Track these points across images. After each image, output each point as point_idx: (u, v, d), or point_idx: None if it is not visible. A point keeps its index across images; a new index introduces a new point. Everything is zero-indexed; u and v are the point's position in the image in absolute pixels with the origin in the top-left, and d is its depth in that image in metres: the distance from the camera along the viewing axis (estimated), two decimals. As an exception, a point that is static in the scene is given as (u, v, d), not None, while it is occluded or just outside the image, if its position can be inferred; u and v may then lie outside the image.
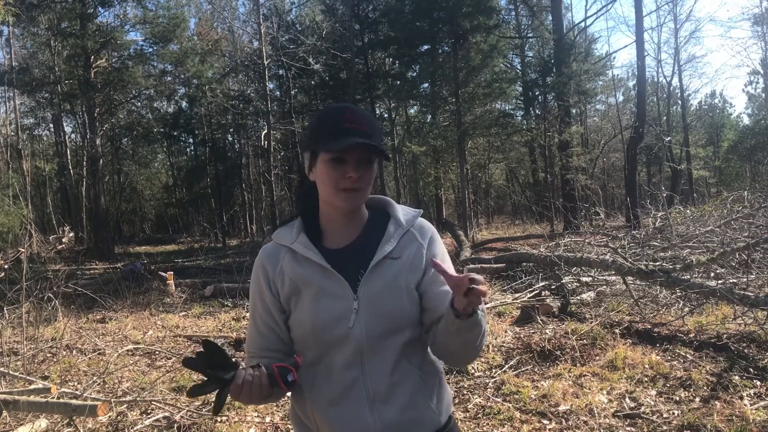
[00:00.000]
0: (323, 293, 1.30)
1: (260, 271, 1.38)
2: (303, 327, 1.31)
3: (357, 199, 1.32)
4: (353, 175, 1.27)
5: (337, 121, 1.28)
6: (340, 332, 1.28)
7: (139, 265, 11.96)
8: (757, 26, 30.98)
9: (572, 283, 7.40)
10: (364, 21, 21.08)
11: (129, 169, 30.29)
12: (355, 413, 1.29)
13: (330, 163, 1.28)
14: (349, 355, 1.29)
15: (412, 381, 1.33)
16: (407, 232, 1.38)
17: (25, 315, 5.65)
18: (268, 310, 1.36)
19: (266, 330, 1.37)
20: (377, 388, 1.30)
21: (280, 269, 1.35)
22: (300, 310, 1.32)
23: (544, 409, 3.72)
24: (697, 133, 33.50)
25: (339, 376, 1.29)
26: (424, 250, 1.38)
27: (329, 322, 1.29)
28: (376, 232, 1.38)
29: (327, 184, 1.30)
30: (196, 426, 3.72)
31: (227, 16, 25.72)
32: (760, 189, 9.83)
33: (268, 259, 1.38)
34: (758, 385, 3.90)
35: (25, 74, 19.40)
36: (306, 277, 1.32)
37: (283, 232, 1.40)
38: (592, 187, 21.59)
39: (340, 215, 1.36)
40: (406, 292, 1.33)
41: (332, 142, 1.25)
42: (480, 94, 18.94)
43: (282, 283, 1.34)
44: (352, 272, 1.32)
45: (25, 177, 21.65)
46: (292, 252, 1.35)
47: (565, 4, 27.85)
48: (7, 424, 3.65)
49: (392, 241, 1.35)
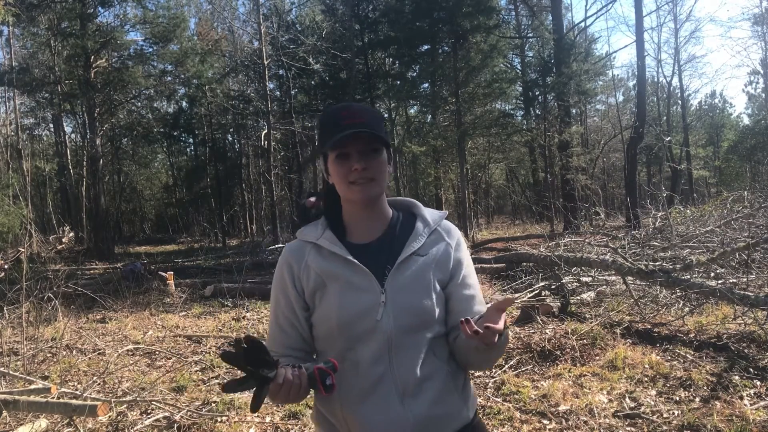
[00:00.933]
0: (350, 286, 1.31)
1: (285, 267, 1.38)
2: (329, 321, 1.30)
3: (370, 190, 1.32)
4: (358, 166, 1.29)
5: (336, 120, 1.32)
6: (368, 325, 1.28)
7: (139, 265, 11.95)
8: (757, 26, 31.00)
9: (572, 283, 7.40)
10: (364, 21, 21.07)
11: (129, 169, 30.30)
12: (386, 408, 1.28)
13: (337, 161, 1.32)
14: (376, 349, 1.29)
15: (440, 376, 1.34)
16: (434, 231, 1.41)
17: (25, 315, 5.65)
18: (292, 306, 1.36)
19: (289, 327, 1.36)
20: (406, 383, 1.29)
21: (306, 264, 1.36)
22: (325, 304, 1.32)
23: (544, 409, 3.72)
24: (697, 133, 33.51)
25: (367, 371, 1.28)
26: (451, 251, 1.40)
27: (356, 315, 1.29)
28: (401, 230, 1.40)
29: (339, 181, 1.33)
30: (196, 426, 3.72)
31: (227, 16, 25.71)
32: (760, 189, 9.83)
33: (293, 255, 1.38)
34: (758, 385, 3.90)
35: (25, 74, 19.40)
36: (332, 271, 1.33)
37: (307, 230, 1.42)
38: (592, 187, 21.60)
39: (361, 211, 1.38)
40: (432, 288, 1.34)
41: (333, 139, 1.29)
42: (480, 94, 18.94)
43: (307, 278, 1.35)
44: (379, 267, 1.33)
45: (25, 177, 21.64)
46: (317, 247, 1.36)
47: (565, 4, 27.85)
48: (7, 424, 3.65)
49: (420, 238, 1.38)
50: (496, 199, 36.37)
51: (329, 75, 21.82)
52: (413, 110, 25.37)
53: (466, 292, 1.39)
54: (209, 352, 5.69)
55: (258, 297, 8.89)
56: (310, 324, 1.36)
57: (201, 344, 6.01)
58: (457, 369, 1.39)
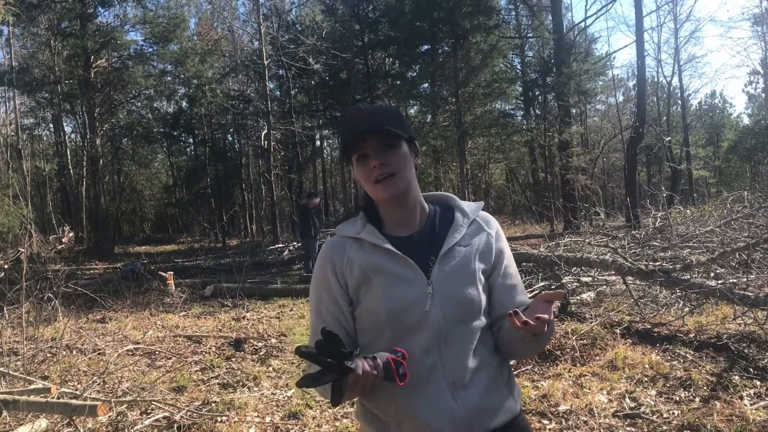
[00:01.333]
0: (396, 279, 1.31)
1: (326, 263, 1.37)
2: (377, 314, 1.30)
3: (394, 185, 1.33)
4: (376, 163, 1.31)
5: (348, 126, 1.34)
6: (417, 317, 1.28)
7: (139, 265, 11.96)
8: (757, 26, 31.02)
9: (572, 283, 7.39)
10: (364, 21, 21.08)
11: (129, 169, 30.31)
12: (438, 400, 1.27)
13: (358, 164, 1.35)
14: (426, 340, 1.29)
15: (490, 367, 1.34)
16: (473, 222, 1.42)
17: (25, 315, 5.64)
18: (336, 301, 1.35)
19: (333, 323, 1.35)
20: (457, 374, 1.29)
21: (348, 259, 1.35)
22: (372, 297, 1.31)
23: (544, 409, 3.72)
24: (697, 133, 33.54)
25: (417, 363, 1.26)
26: (492, 241, 1.42)
27: (405, 307, 1.29)
28: (441, 222, 1.41)
29: (364, 183, 1.36)
30: (196, 426, 3.72)
31: (227, 16, 25.70)
32: (760, 189, 9.82)
33: (334, 250, 1.38)
34: (758, 385, 3.90)
35: (25, 74, 19.41)
36: (377, 265, 1.33)
37: (346, 226, 1.42)
38: (592, 187, 21.59)
39: (394, 208, 1.38)
40: (477, 278, 1.35)
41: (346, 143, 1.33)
42: (480, 94, 18.96)
43: (351, 272, 1.34)
44: (422, 259, 1.33)
45: (25, 177, 21.63)
46: (359, 242, 1.37)
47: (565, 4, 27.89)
48: (7, 424, 3.64)
49: (461, 229, 1.39)
50: (496, 199, 36.36)
51: (329, 75, 21.83)
52: (413, 110, 25.37)
53: (508, 282, 1.41)
54: (209, 352, 5.70)
55: (258, 297, 8.89)
56: (354, 318, 1.36)
57: (201, 344, 6.01)
58: (503, 360, 1.39)
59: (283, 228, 21.68)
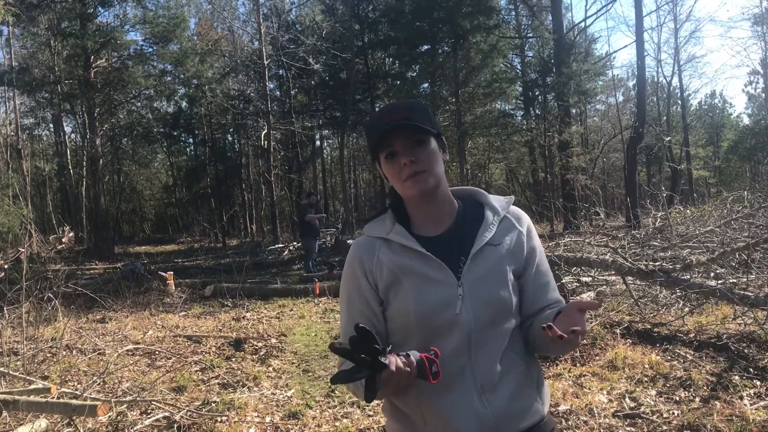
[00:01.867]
0: (426, 280, 1.30)
1: (356, 263, 1.36)
2: (407, 315, 1.29)
3: (424, 182, 1.31)
4: (406, 161, 1.29)
5: (379, 124, 1.33)
6: (448, 318, 1.27)
7: (139, 265, 11.95)
8: (757, 26, 31.01)
9: (572, 283, 7.39)
10: (364, 21, 21.08)
11: (129, 169, 30.30)
12: (466, 401, 1.27)
13: (386, 161, 1.33)
14: (457, 341, 1.28)
15: (518, 370, 1.33)
16: (504, 219, 1.40)
17: (25, 315, 5.64)
18: (367, 302, 1.34)
19: (365, 323, 1.32)
20: (486, 377, 1.29)
21: (378, 260, 1.34)
22: (402, 298, 1.30)
23: (544, 409, 3.72)
24: (697, 133, 33.54)
25: (447, 364, 1.25)
26: (524, 239, 1.39)
27: (435, 309, 1.28)
28: (470, 220, 1.38)
29: (393, 180, 1.34)
30: (196, 426, 3.72)
31: (227, 16, 25.71)
32: (760, 189, 9.82)
33: (364, 251, 1.37)
34: (758, 385, 3.90)
35: (25, 74, 19.41)
36: (406, 266, 1.31)
37: (375, 226, 1.40)
38: (592, 187, 21.58)
39: (423, 205, 1.37)
40: (508, 279, 1.33)
41: (375, 140, 1.32)
42: (480, 94, 18.96)
43: (380, 273, 1.33)
44: (452, 259, 1.31)
45: (25, 177, 21.64)
46: (388, 243, 1.35)
47: (565, 4, 27.89)
48: (7, 424, 3.64)
49: (491, 227, 1.36)
50: (496, 199, 36.34)
51: (329, 75, 21.83)
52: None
53: (541, 281, 1.38)
54: (209, 352, 5.70)
55: (258, 297, 8.89)
56: (386, 319, 1.35)
57: (201, 344, 6.01)
58: (532, 362, 1.38)
59: (283, 228, 21.69)
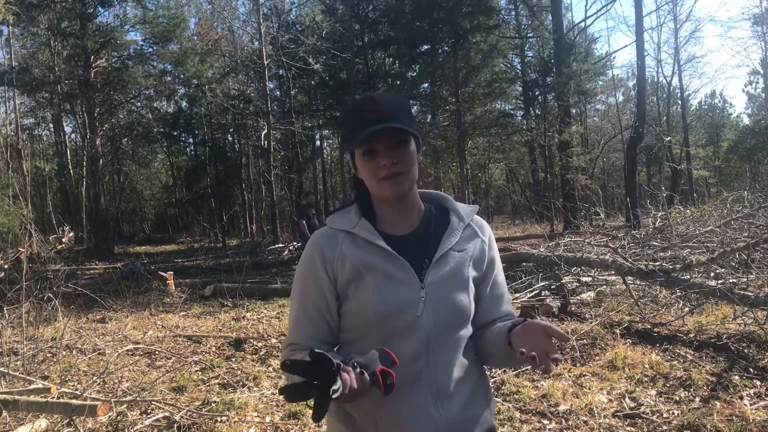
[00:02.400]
0: (390, 279, 1.26)
1: (316, 254, 1.30)
2: (366, 313, 1.25)
3: (401, 184, 1.28)
4: (387, 162, 1.25)
5: (360, 115, 1.27)
6: (408, 321, 1.24)
7: (139, 265, 11.96)
8: (757, 26, 31.02)
9: (572, 283, 7.40)
10: (364, 21, 21.07)
11: (129, 169, 30.31)
12: (421, 408, 1.25)
13: (365, 157, 1.27)
14: (416, 345, 1.25)
15: (472, 378, 1.33)
16: (468, 226, 1.39)
17: (25, 315, 5.64)
18: (323, 295, 1.29)
19: (318, 317, 1.29)
20: (442, 383, 1.27)
21: (340, 253, 1.29)
22: (362, 295, 1.26)
23: (544, 409, 3.72)
24: (697, 133, 33.54)
25: (404, 368, 1.21)
26: (486, 248, 1.40)
27: (397, 309, 1.24)
28: (435, 224, 1.36)
29: (368, 178, 1.29)
30: (196, 426, 3.72)
31: (227, 16, 25.72)
32: (760, 189, 9.82)
33: (326, 243, 1.31)
34: (758, 385, 3.90)
35: (25, 74, 19.41)
36: (370, 262, 1.27)
37: (339, 218, 1.35)
38: (592, 187, 21.59)
39: (393, 204, 1.33)
40: (469, 286, 1.33)
41: (358, 137, 1.25)
42: (480, 94, 18.95)
43: (342, 266, 1.28)
44: (416, 261, 1.29)
45: (25, 177, 21.65)
46: (351, 236, 1.30)
47: (565, 4, 27.89)
48: (6, 424, 3.64)
49: (456, 233, 1.35)
50: (496, 199, 36.40)
51: (329, 75, 21.82)
52: (413, 110, 25.33)
53: (496, 292, 1.39)
54: (209, 352, 5.70)
55: (258, 297, 8.88)
56: (339, 315, 1.31)
57: (201, 344, 6.01)
58: (483, 371, 1.38)
59: (283, 228, 21.70)
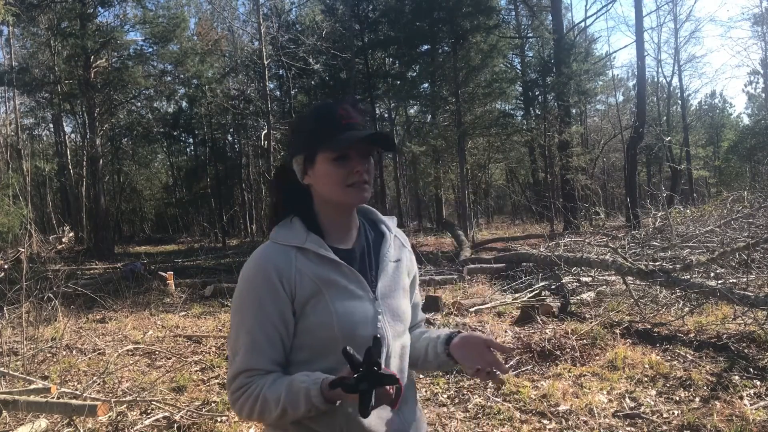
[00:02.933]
0: (348, 294, 1.26)
1: (272, 272, 1.23)
2: (330, 330, 1.22)
3: (366, 192, 1.27)
4: (361, 169, 1.24)
5: (335, 119, 1.24)
6: (370, 332, 1.24)
7: (139, 265, 11.96)
8: (757, 26, 31.00)
9: (572, 283, 7.40)
10: (364, 21, 21.07)
11: (129, 169, 30.28)
12: (385, 415, 1.28)
13: (335, 162, 1.24)
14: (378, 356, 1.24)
15: (412, 384, 1.41)
16: (395, 238, 1.42)
17: (25, 315, 5.64)
18: (282, 314, 1.23)
19: (277, 338, 1.23)
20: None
21: (297, 270, 1.24)
22: (322, 312, 1.23)
23: (544, 409, 3.72)
24: (697, 133, 33.51)
25: None
26: (412, 257, 1.46)
27: (359, 324, 1.25)
28: (372, 236, 1.39)
29: (333, 183, 1.25)
30: (196, 426, 3.72)
31: (227, 16, 25.68)
32: (760, 189, 9.83)
33: (280, 259, 1.25)
34: (758, 385, 3.91)
35: (25, 74, 19.39)
36: (328, 278, 1.25)
37: (284, 232, 1.29)
38: (592, 187, 21.60)
39: (342, 216, 1.32)
40: (408, 293, 1.40)
41: (336, 140, 1.22)
42: (480, 94, 18.93)
43: (301, 284, 1.23)
44: (364, 273, 1.30)
45: (25, 177, 21.64)
46: (303, 252, 1.26)
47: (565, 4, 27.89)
48: (6, 424, 3.64)
49: (391, 244, 1.39)
50: (496, 199, 36.36)
51: (329, 75, 21.82)
52: (413, 110, 25.35)
53: (417, 299, 1.47)
54: (209, 352, 5.70)
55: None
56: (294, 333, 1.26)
57: (201, 344, 6.01)
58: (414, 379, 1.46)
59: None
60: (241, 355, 1.23)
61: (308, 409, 1.16)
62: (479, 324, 5.96)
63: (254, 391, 1.19)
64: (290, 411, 1.17)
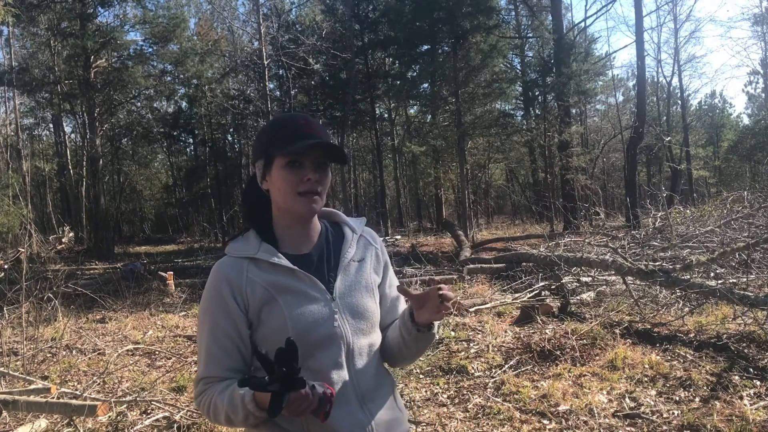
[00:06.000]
0: (302, 297, 1.29)
1: (222, 284, 1.29)
2: (284, 333, 1.22)
3: (316, 204, 1.30)
4: (312, 177, 1.27)
5: (294, 127, 1.29)
6: (326, 332, 1.29)
7: (139, 265, 11.95)
8: (757, 26, 30.99)
9: (572, 283, 7.40)
10: (364, 21, 21.07)
11: (129, 169, 30.27)
12: (350, 412, 1.29)
13: (287, 168, 1.27)
14: (336, 354, 1.30)
15: (388, 383, 1.42)
16: (361, 237, 1.45)
17: (25, 315, 5.64)
18: (235, 324, 1.28)
19: (232, 348, 1.28)
20: (365, 387, 1.33)
21: (248, 279, 1.29)
22: (277, 317, 1.27)
23: (544, 409, 3.72)
24: (697, 133, 33.49)
25: (328, 378, 1.27)
26: (380, 254, 1.47)
27: (313, 325, 1.28)
28: (334, 239, 1.42)
29: (285, 190, 1.28)
30: (196, 426, 3.72)
31: (227, 16, 25.67)
32: (760, 189, 9.83)
33: (231, 271, 1.30)
34: (758, 385, 3.90)
35: (25, 74, 19.39)
36: (280, 283, 1.29)
37: (238, 245, 1.35)
38: (592, 187, 21.57)
39: (297, 222, 1.34)
40: (373, 291, 1.41)
41: (291, 145, 1.26)
42: (480, 94, 18.93)
43: (253, 293, 1.28)
44: (322, 275, 1.34)
45: (25, 177, 21.64)
46: (255, 262, 1.30)
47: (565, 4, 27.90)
48: (6, 424, 3.64)
49: (353, 245, 1.41)
50: (496, 199, 36.34)
51: (329, 75, 21.82)
52: (413, 110, 25.35)
53: (394, 294, 1.48)
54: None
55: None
56: (252, 342, 1.30)
57: (201, 344, 6.00)
58: (393, 378, 1.47)
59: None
60: (200, 364, 1.33)
61: (245, 414, 1.19)
62: (479, 324, 5.97)
63: (209, 397, 1.27)
64: (232, 416, 1.22)
